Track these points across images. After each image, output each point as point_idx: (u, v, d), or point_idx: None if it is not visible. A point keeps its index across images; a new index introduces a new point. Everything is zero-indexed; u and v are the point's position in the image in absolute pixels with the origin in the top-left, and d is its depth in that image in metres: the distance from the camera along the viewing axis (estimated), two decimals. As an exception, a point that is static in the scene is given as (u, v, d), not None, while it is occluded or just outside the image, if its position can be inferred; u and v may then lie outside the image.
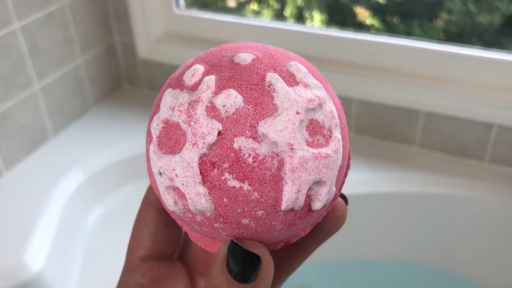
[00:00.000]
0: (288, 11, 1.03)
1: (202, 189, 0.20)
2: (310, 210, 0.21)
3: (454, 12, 0.90)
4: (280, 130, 0.20)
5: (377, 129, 0.90)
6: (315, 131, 0.21)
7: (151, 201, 0.28)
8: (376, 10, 0.96)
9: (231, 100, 0.20)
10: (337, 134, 0.21)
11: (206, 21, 0.97)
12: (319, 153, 0.20)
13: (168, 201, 0.21)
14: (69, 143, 0.92)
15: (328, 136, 0.21)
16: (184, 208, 0.21)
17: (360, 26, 0.96)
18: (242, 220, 0.21)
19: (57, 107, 0.92)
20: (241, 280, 0.21)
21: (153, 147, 0.21)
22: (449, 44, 0.83)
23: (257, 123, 0.20)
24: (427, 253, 0.87)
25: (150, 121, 0.22)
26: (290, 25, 0.94)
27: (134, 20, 0.97)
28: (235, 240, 0.21)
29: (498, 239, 0.82)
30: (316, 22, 0.99)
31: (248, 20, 0.97)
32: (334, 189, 0.22)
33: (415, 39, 0.85)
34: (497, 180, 0.81)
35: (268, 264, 0.22)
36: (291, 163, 0.20)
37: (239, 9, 1.09)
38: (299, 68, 0.22)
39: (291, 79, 0.21)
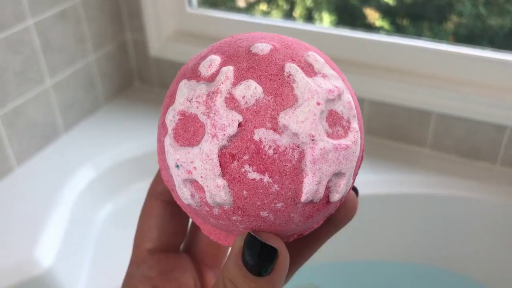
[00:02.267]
0: (297, 12, 1.02)
1: (221, 182, 0.20)
2: (328, 202, 0.21)
3: (465, 14, 0.89)
4: (302, 121, 0.19)
5: (388, 130, 0.90)
6: (335, 122, 0.20)
7: (157, 194, 0.27)
8: (386, 12, 0.95)
9: (251, 91, 0.20)
10: (355, 125, 0.21)
11: (218, 20, 0.97)
12: (339, 144, 0.20)
13: (185, 194, 0.21)
14: (80, 140, 0.92)
15: (347, 127, 0.21)
16: (201, 201, 0.21)
17: (370, 28, 0.96)
18: (261, 212, 0.20)
19: (68, 104, 0.93)
20: (257, 273, 0.21)
21: (169, 139, 0.21)
22: (461, 45, 0.82)
23: (278, 114, 0.19)
24: (439, 256, 0.86)
25: (164, 113, 0.22)
26: (301, 25, 0.94)
27: (146, 18, 0.98)
28: (252, 233, 0.21)
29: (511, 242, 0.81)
30: (325, 23, 0.99)
31: (260, 19, 0.97)
32: (352, 181, 0.22)
33: (428, 40, 0.85)
34: (510, 183, 0.81)
35: (284, 258, 0.21)
36: (312, 155, 0.20)
37: (249, 10, 1.08)
38: (317, 58, 0.21)
39: (309, 70, 0.21)
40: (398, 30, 0.95)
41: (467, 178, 0.82)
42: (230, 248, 0.24)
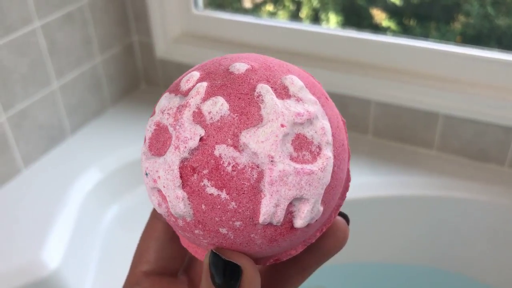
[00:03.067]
0: (304, 12, 1.02)
1: (181, 193, 0.20)
2: (292, 227, 0.21)
3: (472, 14, 0.89)
4: (262, 141, 0.19)
5: (395, 131, 0.89)
6: (302, 146, 0.20)
7: (159, 215, 0.27)
8: (393, 12, 0.95)
9: (217, 107, 0.20)
10: (327, 152, 0.20)
11: (224, 21, 0.97)
12: (302, 168, 0.20)
13: (153, 202, 0.22)
14: (86, 142, 0.93)
15: (316, 153, 0.20)
16: (167, 211, 0.21)
17: (376, 28, 0.95)
18: (220, 229, 0.20)
19: (75, 106, 0.93)
20: None
21: (144, 148, 0.22)
22: (468, 46, 0.82)
23: (240, 132, 0.20)
24: (446, 258, 0.86)
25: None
26: (308, 26, 0.94)
27: (152, 20, 0.98)
28: (214, 250, 0.21)
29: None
30: (331, 24, 0.99)
31: (266, 20, 0.97)
32: (321, 209, 0.21)
33: (435, 41, 0.84)
34: (518, 185, 0.80)
35: (250, 275, 0.21)
36: (270, 176, 0.19)
37: (255, 10, 1.08)
38: (293, 81, 0.21)
39: (283, 92, 0.21)
40: (405, 30, 0.95)
41: (475, 180, 0.82)
42: None
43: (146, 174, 0.21)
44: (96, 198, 0.84)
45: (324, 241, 0.25)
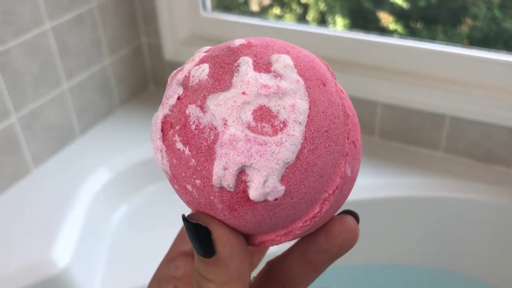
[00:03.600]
0: (311, 15, 1.03)
1: (160, 145, 0.22)
2: (249, 199, 0.21)
3: (479, 17, 0.89)
4: (220, 104, 0.21)
5: (402, 133, 0.90)
6: (263, 118, 0.20)
7: None
8: (399, 15, 0.95)
9: (198, 72, 0.22)
10: (292, 130, 0.21)
11: (232, 23, 0.97)
12: (254, 137, 0.20)
13: (157, 155, 0.24)
14: (95, 142, 0.94)
15: (278, 128, 0.20)
16: (161, 164, 0.23)
17: (383, 31, 0.96)
18: (187, 185, 0.22)
19: (84, 107, 0.94)
20: (206, 255, 0.22)
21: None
22: (475, 48, 0.82)
23: (208, 96, 0.21)
24: (452, 259, 0.86)
25: None
26: (315, 28, 0.95)
27: (161, 22, 0.99)
28: (184, 215, 0.22)
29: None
30: (338, 27, 0.99)
31: (273, 23, 0.98)
32: (279, 187, 0.21)
33: (441, 43, 0.85)
34: (524, 187, 0.80)
35: (220, 235, 0.21)
36: (221, 138, 0.20)
37: (262, 14, 1.09)
38: (280, 59, 0.22)
39: (263, 67, 0.21)
40: (411, 33, 0.95)
41: (481, 182, 0.82)
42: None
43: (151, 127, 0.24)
44: (105, 198, 0.85)
45: (333, 239, 0.24)
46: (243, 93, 0.20)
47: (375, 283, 0.91)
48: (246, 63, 0.21)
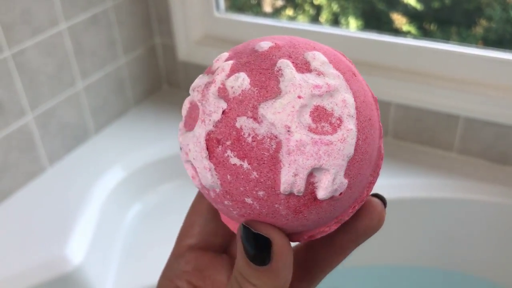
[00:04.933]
0: (324, 17, 1.03)
1: (208, 164, 0.21)
2: (316, 199, 0.21)
3: (495, 19, 0.88)
4: (278, 112, 0.20)
5: (415, 134, 0.89)
6: (321, 118, 0.21)
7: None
8: (413, 17, 0.95)
9: (239, 82, 0.21)
10: (348, 124, 0.21)
11: (246, 24, 0.98)
12: (319, 139, 0.20)
13: (190, 174, 0.23)
14: (110, 141, 0.94)
15: (336, 125, 0.21)
16: (200, 183, 0.23)
17: (397, 33, 0.96)
18: (246, 199, 0.21)
19: (99, 106, 0.95)
20: (259, 263, 0.21)
21: (180, 125, 0.23)
22: (489, 49, 0.82)
23: (259, 105, 0.21)
24: (464, 261, 0.86)
25: None
26: (328, 28, 0.95)
27: (175, 23, 0.99)
28: (244, 223, 0.22)
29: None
30: (351, 28, 0.99)
31: (287, 23, 0.98)
32: (344, 181, 0.21)
33: (455, 44, 0.84)
34: (539, 188, 0.80)
35: (280, 246, 0.22)
36: (288, 146, 0.20)
37: (275, 15, 1.09)
38: (315, 56, 0.22)
39: (304, 67, 0.22)
40: (425, 35, 0.94)
41: (495, 183, 0.81)
42: None
43: (180, 149, 0.23)
44: (119, 196, 0.86)
45: (359, 221, 0.25)
46: (299, 97, 0.20)
47: (384, 285, 0.91)
48: (287, 66, 0.21)
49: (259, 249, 0.21)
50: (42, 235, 0.75)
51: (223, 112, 0.21)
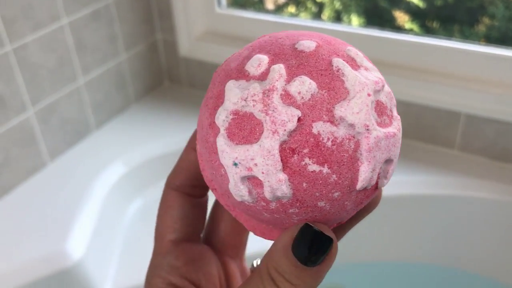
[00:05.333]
0: (326, 14, 1.02)
1: (283, 176, 0.20)
2: (376, 188, 0.22)
3: (497, 17, 0.88)
4: (357, 112, 0.20)
5: (417, 131, 0.89)
6: (382, 111, 0.21)
7: (176, 187, 0.28)
8: (415, 15, 0.95)
9: (306, 86, 0.20)
10: (396, 113, 0.22)
11: (248, 20, 0.98)
12: (388, 132, 0.21)
13: (242, 191, 0.21)
14: (111, 137, 0.94)
15: (391, 116, 0.22)
16: (258, 196, 0.21)
17: (399, 30, 0.95)
18: (319, 203, 0.21)
19: (100, 102, 0.95)
20: (311, 263, 0.21)
21: (223, 139, 0.21)
22: (491, 46, 0.81)
23: (333, 107, 0.20)
24: (466, 258, 0.85)
25: (211, 114, 0.22)
26: (331, 25, 0.95)
27: (176, 19, 0.99)
28: (310, 223, 0.22)
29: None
30: (354, 25, 0.99)
31: (289, 19, 0.98)
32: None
33: (457, 41, 0.84)
34: (540, 186, 0.80)
35: (336, 248, 0.22)
36: (368, 144, 0.20)
37: (277, 12, 1.09)
38: (357, 52, 0.22)
39: (353, 63, 0.22)
40: (427, 33, 0.94)
41: (496, 181, 0.81)
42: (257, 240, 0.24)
43: (235, 164, 0.21)
44: (120, 192, 0.86)
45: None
46: (368, 95, 0.21)
47: (387, 281, 0.91)
48: (344, 65, 0.21)
49: (316, 249, 0.21)
50: (42, 230, 0.76)
51: (298, 119, 0.20)
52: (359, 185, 0.21)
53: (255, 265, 0.28)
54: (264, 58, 0.21)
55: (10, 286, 0.68)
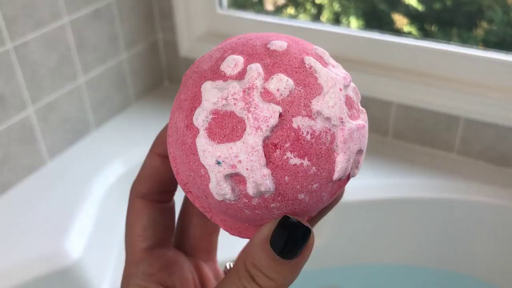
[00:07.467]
0: (325, 16, 1.03)
1: (267, 171, 0.21)
2: (349, 178, 0.23)
3: (496, 21, 0.88)
4: (332, 106, 0.21)
5: (415, 134, 0.90)
6: (351, 105, 0.23)
7: (142, 194, 0.28)
8: (414, 18, 0.95)
9: (284, 83, 0.21)
10: (361, 107, 0.24)
11: (248, 21, 0.98)
12: (359, 124, 0.22)
13: (224, 189, 0.22)
14: (110, 136, 0.94)
15: (358, 109, 0.23)
16: (240, 193, 0.22)
17: (398, 33, 0.96)
18: (299, 195, 0.22)
19: (100, 101, 0.95)
20: (289, 256, 0.22)
21: (204, 139, 0.21)
22: (491, 50, 0.82)
23: (310, 102, 0.21)
24: (464, 262, 0.86)
25: (188, 116, 0.22)
26: (330, 27, 0.95)
27: (177, 19, 0.99)
28: (289, 216, 0.22)
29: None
30: (353, 28, 0.99)
31: (288, 21, 0.98)
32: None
33: (457, 45, 0.84)
34: (538, 191, 0.80)
35: (313, 239, 0.22)
36: (343, 135, 0.21)
37: (276, 13, 1.09)
38: (324, 51, 0.24)
39: (322, 61, 0.23)
40: (426, 36, 0.94)
41: (495, 185, 0.82)
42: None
43: (219, 163, 0.21)
44: (119, 191, 0.86)
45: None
46: (340, 90, 0.22)
47: (384, 283, 0.91)
48: (316, 63, 0.22)
49: (295, 242, 0.22)
50: (41, 228, 0.76)
51: (280, 115, 0.21)
52: (335, 176, 0.22)
53: (228, 267, 0.29)
54: (239, 58, 0.22)
55: (8, 284, 0.68)
